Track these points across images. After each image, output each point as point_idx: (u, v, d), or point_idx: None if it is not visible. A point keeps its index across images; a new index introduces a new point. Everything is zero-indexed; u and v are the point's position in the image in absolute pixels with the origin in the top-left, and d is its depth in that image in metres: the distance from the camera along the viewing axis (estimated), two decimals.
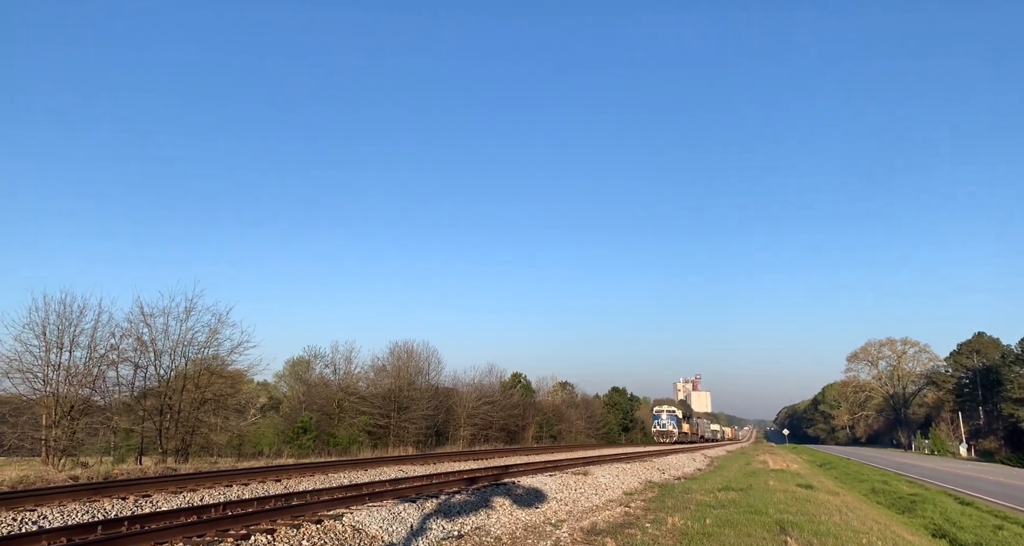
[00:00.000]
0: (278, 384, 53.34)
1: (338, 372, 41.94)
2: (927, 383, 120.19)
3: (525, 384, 65.54)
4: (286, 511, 9.29)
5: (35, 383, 22.41)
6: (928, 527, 15.76)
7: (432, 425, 44.40)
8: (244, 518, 8.63)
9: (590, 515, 12.26)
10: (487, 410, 50.66)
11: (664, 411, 72.45)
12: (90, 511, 10.28)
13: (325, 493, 12.25)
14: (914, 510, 18.73)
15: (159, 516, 9.18)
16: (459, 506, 10.93)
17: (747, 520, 11.11)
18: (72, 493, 11.50)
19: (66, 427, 22.11)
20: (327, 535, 7.93)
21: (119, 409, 25.48)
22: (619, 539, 9.40)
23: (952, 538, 14.18)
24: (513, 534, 10.10)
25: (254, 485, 14.14)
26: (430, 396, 44.47)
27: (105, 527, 8.20)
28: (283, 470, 16.86)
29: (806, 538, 9.45)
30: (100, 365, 24.43)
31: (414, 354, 45.84)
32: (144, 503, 11.24)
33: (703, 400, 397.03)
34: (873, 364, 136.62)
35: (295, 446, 31.84)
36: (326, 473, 17.34)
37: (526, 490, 13.53)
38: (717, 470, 28.04)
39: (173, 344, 26.71)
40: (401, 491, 12.27)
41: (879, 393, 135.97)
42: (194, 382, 26.89)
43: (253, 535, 7.44)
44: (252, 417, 34.80)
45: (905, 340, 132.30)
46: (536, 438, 59.49)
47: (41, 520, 9.56)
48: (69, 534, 7.86)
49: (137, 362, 25.91)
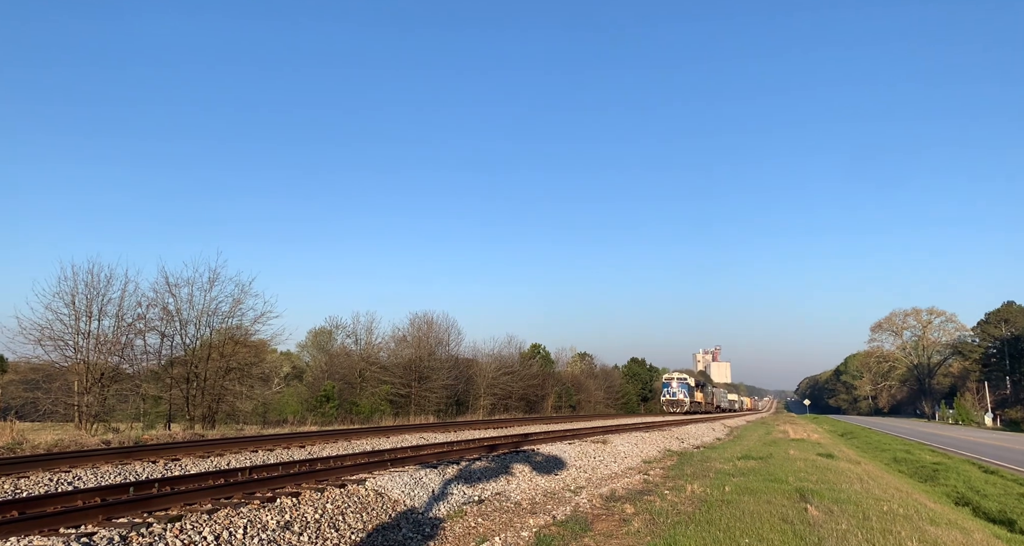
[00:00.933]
0: (301, 354, 54.18)
1: (359, 342, 42.45)
2: (953, 353, 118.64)
3: (544, 355, 65.83)
4: (310, 475, 9.46)
5: (66, 351, 23.01)
6: (951, 495, 15.66)
7: (452, 395, 44.92)
8: (269, 482, 8.80)
9: (609, 482, 12.34)
10: (507, 380, 51.07)
11: (675, 379, 65.94)
12: (122, 473, 10.58)
13: (348, 459, 12.45)
14: (937, 479, 18.62)
15: (188, 479, 9.40)
16: (479, 472, 11.06)
17: (767, 488, 11.11)
18: (104, 456, 11.83)
19: (97, 394, 22.73)
20: (350, 499, 8.06)
21: (147, 377, 26.10)
22: (638, 505, 9.45)
23: (975, 506, 14.07)
24: (533, 500, 10.21)
25: (279, 451, 14.43)
26: (450, 366, 44.90)
27: (136, 488, 8.42)
28: (307, 437, 17.18)
29: (826, 505, 9.42)
30: (128, 334, 24.99)
31: (434, 325, 46.22)
32: (173, 466, 11.53)
33: (723, 371, 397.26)
34: (898, 334, 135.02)
35: (318, 414, 32.43)
36: (349, 440, 17.64)
37: (545, 457, 13.65)
38: (737, 439, 28.06)
39: (198, 314, 27.17)
40: (422, 457, 12.43)
41: (903, 363, 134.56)
42: (219, 351, 27.38)
43: (279, 498, 7.58)
44: (276, 386, 35.50)
45: (931, 310, 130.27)
46: (555, 408, 59.99)
47: (76, 481, 9.86)
48: (102, 494, 8.07)
49: (163, 331, 26.44)
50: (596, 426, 28.15)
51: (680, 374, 68.52)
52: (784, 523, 7.88)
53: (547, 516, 8.51)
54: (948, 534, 8.46)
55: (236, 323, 28.47)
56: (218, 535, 6.10)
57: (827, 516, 8.52)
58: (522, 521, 8.27)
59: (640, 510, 9.09)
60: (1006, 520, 12.50)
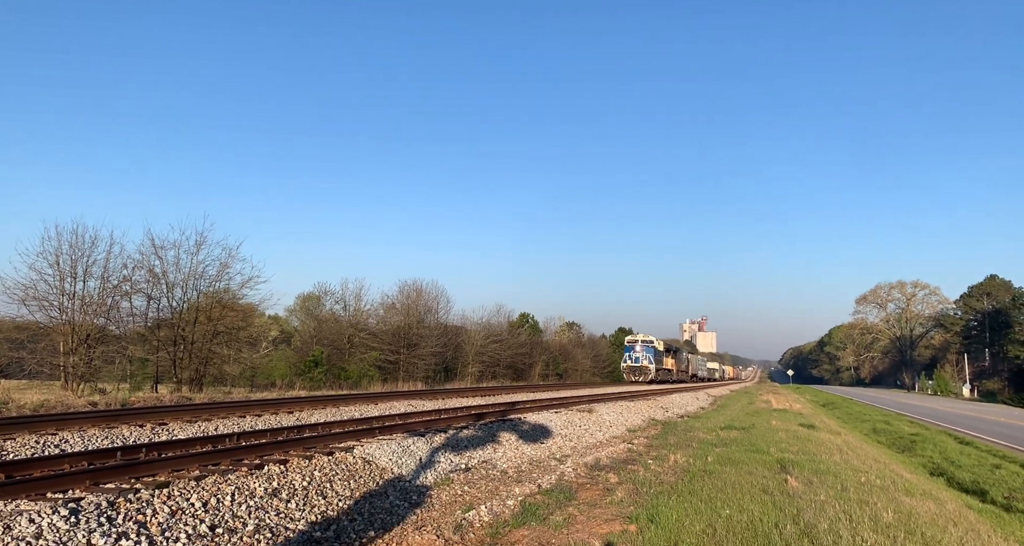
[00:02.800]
0: (289, 318, 54.14)
1: (348, 309, 42.47)
2: (935, 325, 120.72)
3: (532, 324, 66.22)
4: (298, 443, 9.51)
5: (51, 311, 22.89)
6: (927, 466, 16.07)
7: (441, 362, 45.23)
8: (258, 448, 8.85)
9: (594, 451, 12.52)
10: (495, 348, 51.44)
11: (638, 341, 57.80)
12: (109, 437, 10.59)
13: (336, 426, 12.54)
14: (914, 449, 19.07)
15: (175, 444, 9.44)
16: (467, 440, 11.17)
17: (749, 458, 11.32)
18: (91, 419, 11.83)
19: (83, 354, 22.67)
20: (338, 466, 8.13)
21: (134, 339, 26.04)
22: (621, 475, 9.61)
23: (950, 477, 14.45)
24: (519, 468, 10.35)
25: (267, 416, 14.50)
26: (439, 334, 45.11)
27: (124, 453, 8.43)
28: (295, 402, 17.27)
29: (806, 476, 9.62)
30: (114, 295, 24.86)
31: (423, 292, 46.29)
32: (161, 431, 11.56)
33: (709, 340, 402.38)
34: (882, 306, 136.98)
35: (307, 379, 32.59)
36: (337, 406, 17.75)
37: (532, 426, 13.81)
38: (720, 409, 28.53)
39: (184, 277, 27.03)
40: (410, 425, 12.53)
41: (886, 335, 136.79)
42: (206, 314, 27.33)
43: (267, 465, 7.63)
44: (264, 350, 35.53)
45: (916, 283, 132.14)
46: (543, 376, 60.60)
47: (63, 444, 9.87)
48: (90, 458, 8.09)
49: (150, 293, 26.31)
50: (582, 395, 28.50)
51: (645, 337, 58.81)
52: (764, 494, 8.04)
53: (533, 485, 8.63)
54: (922, 504, 8.69)
55: (223, 287, 28.40)
56: (206, 502, 6.14)
57: (806, 487, 8.71)
58: (508, 489, 8.39)
59: (624, 479, 9.24)
60: (978, 490, 12.87)
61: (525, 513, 7.10)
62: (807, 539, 5.99)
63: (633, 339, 58.91)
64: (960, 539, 6.77)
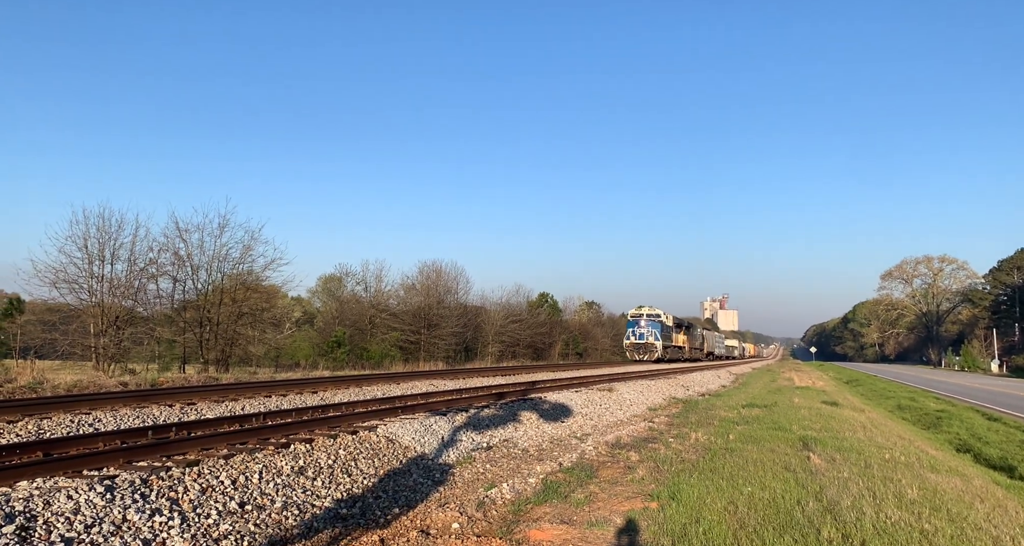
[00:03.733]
0: (311, 299, 54.78)
1: (369, 290, 42.83)
2: (963, 301, 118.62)
3: (552, 303, 66.22)
4: (323, 422, 9.68)
5: (80, 293, 23.45)
6: (953, 442, 15.91)
7: (461, 342, 45.53)
8: (283, 428, 9.02)
9: (614, 429, 12.58)
10: (514, 328, 51.60)
11: (643, 315, 50.17)
12: (140, 416, 10.87)
13: (360, 405, 12.72)
14: (939, 426, 18.88)
15: (204, 424, 9.65)
16: (488, 419, 11.28)
17: (770, 436, 11.29)
18: (123, 399, 12.14)
19: (113, 336, 23.23)
20: (362, 445, 8.26)
21: (161, 320, 26.57)
22: (642, 453, 9.65)
23: (977, 453, 14.30)
24: (540, 446, 10.44)
25: (291, 396, 14.75)
26: (459, 314, 45.36)
27: (155, 432, 8.65)
28: (319, 382, 17.53)
29: (829, 454, 9.58)
30: (140, 278, 25.38)
31: (443, 273, 46.49)
32: (189, 410, 11.82)
33: (730, 318, 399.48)
34: (908, 282, 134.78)
35: (330, 359, 33.04)
36: (360, 386, 17.99)
37: (552, 405, 13.89)
38: (742, 387, 28.43)
39: (209, 259, 27.45)
40: (432, 404, 12.67)
41: (912, 311, 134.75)
42: (231, 296, 27.75)
43: (292, 444, 7.78)
44: (288, 330, 36.03)
45: (943, 257, 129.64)
46: (562, 355, 60.78)
47: (96, 423, 10.14)
48: (122, 437, 8.30)
49: (175, 276, 26.78)
50: (602, 374, 28.55)
51: (651, 310, 50.67)
52: (787, 471, 8.03)
53: (554, 463, 8.71)
54: (948, 481, 8.61)
55: (247, 269, 28.79)
56: (235, 480, 6.29)
57: (829, 464, 8.68)
58: (529, 467, 8.47)
59: (645, 458, 9.28)
60: (1006, 466, 12.72)
61: (547, 491, 7.18)
62: (830, 516, 5.98)
63: (637, 313, 50.84)
64: (987, 515, 6.71)
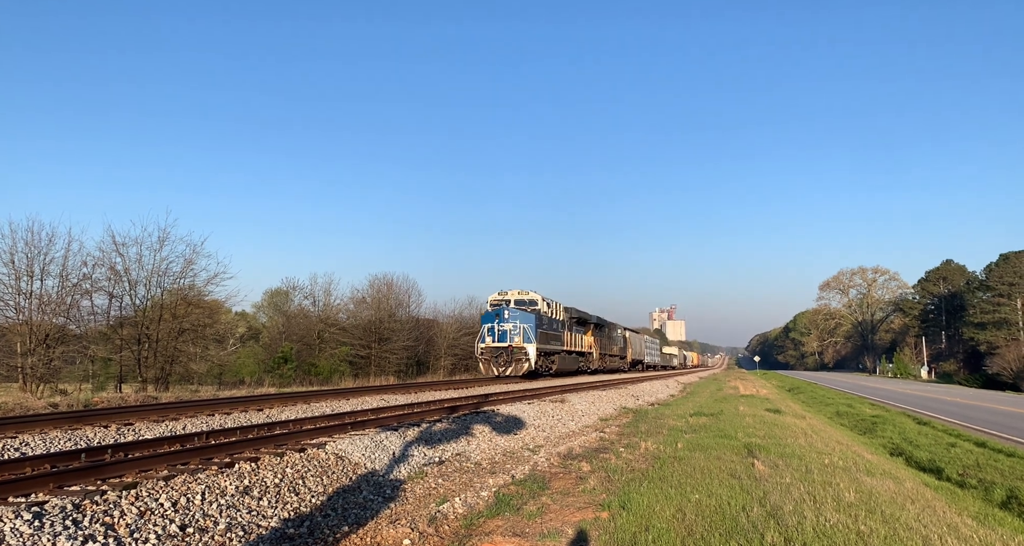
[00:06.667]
0: (257, 314, 53.31)
1: (318, 304, 42.02)
2: (895, 310, 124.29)
3: None
4: (269, 440, 9.42)
5: (6, 311, 22.27)
6: (887, 446, 16.61)
7: (413, 356, 45.04)
8: (227, 447, 8.74)
9: (567, 440, 12.65)
10: (468, 341, 51.32)
11: (508, 303, 32.10)
12: (72, 439, 10.34)
13: (308, 422, 12.43)
14: (875, 431, 19.68)
15: (142, 444, 9.26)
16: (440, 434, 11.19)
17: (717, 444, 11.56)
18: (53, 421, 11.53)
19: (42, 355, 22.07)
20: (310, 463, 8.08)
21: (96, 338, 25.44)
22: (594, 463, 9.74)
23: (908, 456, 14.96)
24: (492, 459, 10.41)
25: (236, 414, 14.29)
26: (411, 327, 44.89)
27: (88, 455, 8.25)
28: (265, 399, 17.05)
29: (772, 460, 9.88)
30: (73, 294, 24.22)
31: (394, 286, 45.99)
32: (126, 431, 11.32)
33: (678, 328, 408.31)
34: (844, 292, 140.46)
35: (276, 375, 32.19)
36: (308, 402, 17.57)
37: (505, 417, 13.88)
38: (690, 396, 29.02)
39: (148, 274, 26.49)
40: (383, 420, 12.49)
41: (848, 320, 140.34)
42: (171, 312, 26.81)
43: (237, 463, 7.55)
44: (232, 346, 34.99)
45: (876, 268, 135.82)
46: None
47: (23, 447, 9.59)
48: (52, 461, 7.90)
49: (112, 291, 25.73)
50: (555, 385, 28.67)
51: (523, 294, 32.73)
52: (732, 478, 8.24)
53: (506, 475, 8.70)
54: (882, 484, 9.00)
55: (188, 284, 27.89)
56: (175, 501, 6.06)
57: (772, 470, 8.94)
58: (482, 481, 8.44)
59: (596, 468, 9.37)
60: (935, 469, 13.37)
61: (499, 504, 7.16)
62: (773, 520, 6.16)
63: (499, 299, 32.77)
64: (917, 515, 7.03)
